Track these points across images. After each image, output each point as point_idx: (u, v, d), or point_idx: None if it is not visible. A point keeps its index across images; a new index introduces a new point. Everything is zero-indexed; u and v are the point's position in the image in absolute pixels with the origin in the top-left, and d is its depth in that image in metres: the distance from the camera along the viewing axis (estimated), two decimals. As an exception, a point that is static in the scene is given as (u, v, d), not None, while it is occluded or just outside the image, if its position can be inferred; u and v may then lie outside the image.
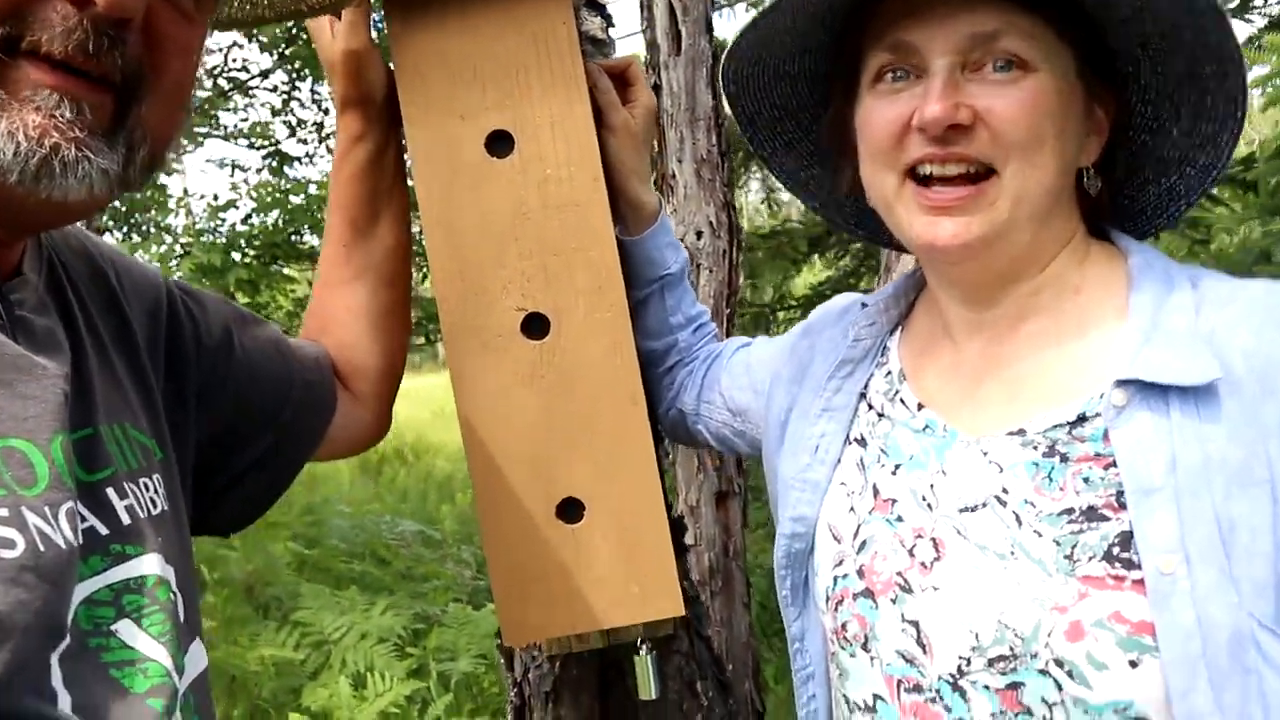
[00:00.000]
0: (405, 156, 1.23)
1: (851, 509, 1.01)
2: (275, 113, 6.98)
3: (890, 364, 1.05)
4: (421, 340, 6.36)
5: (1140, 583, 0.78)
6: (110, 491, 0.81)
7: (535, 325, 1.14)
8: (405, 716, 3.32)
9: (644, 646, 1.20)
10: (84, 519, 0.77)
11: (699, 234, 2.06)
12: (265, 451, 1.11)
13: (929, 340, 1.03)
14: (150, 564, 0.82)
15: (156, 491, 0.87)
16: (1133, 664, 0.77)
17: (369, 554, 6.10)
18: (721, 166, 2.11)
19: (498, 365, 1.14)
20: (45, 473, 0.71)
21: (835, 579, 0.99)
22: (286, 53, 6.43)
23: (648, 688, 1.21)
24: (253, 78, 6.74)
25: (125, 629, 0.78)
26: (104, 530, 0.79)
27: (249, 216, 5.91)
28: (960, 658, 0.86)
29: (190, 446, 1.03)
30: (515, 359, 1.14)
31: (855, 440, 1.05)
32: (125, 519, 0.81)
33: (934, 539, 0.92)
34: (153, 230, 5.92)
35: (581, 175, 1.15)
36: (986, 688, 0.85)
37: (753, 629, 2.05)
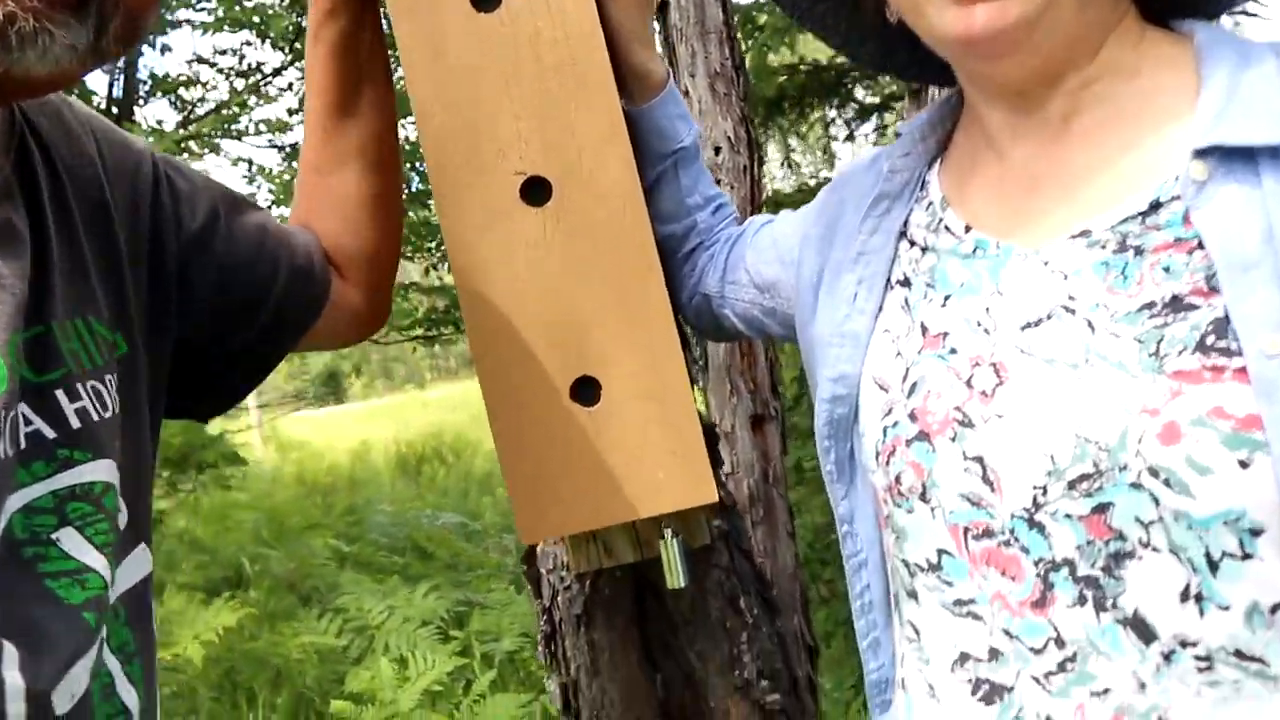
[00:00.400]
0: (385, 29, 1.14)
1: (898, 354, 0.90)
2: (292, 112, 6.95)
3: (931, 195, 0.94)
4: (450, 330, 6.29)
5: (1242, 371, 0.66)
6: (60, 394, 0.76)
7: (536, 190, 1.04)
8: (449, 694, 3.24)
9: (668, 531, 1.09)
10: (29, 422, 0.73)
11: (717, 150, 1.95)
12: (251, 339, 1.03)
13: (970, 160, 0.92)
14: (99, 470, 0.77)
15: (112, 391, 0.81)
16: (1243, 464, 0.66)
17: (410, 548, 6.05)
18: (736, 81, 2.00)
19: (498, 236, 1.04)
20: None
21: (885, 430, 0.88)
22: (298, 46, 6.40)
23: (675, 576, 1.11)
24: (265, 78, 6.71)
25: (68, 538, 0.74)
26: (50, 434, 0.74)
27: (269, 208, 5.87)
28: (1035, 488, 0.75)
29: (168, 335, 0.95)
30: (517, 228, 1.04)
31: (897, 283, 0.94)
32: (75, 422, 0.76)
33: (994, 364, 0.80)
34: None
35: (577, 30, 1.04)
36: (1069, 516, 0.73)
37: (800, 561, 1.93)
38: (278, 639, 3.83)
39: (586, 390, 1.04)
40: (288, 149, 6.49)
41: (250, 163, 6.07)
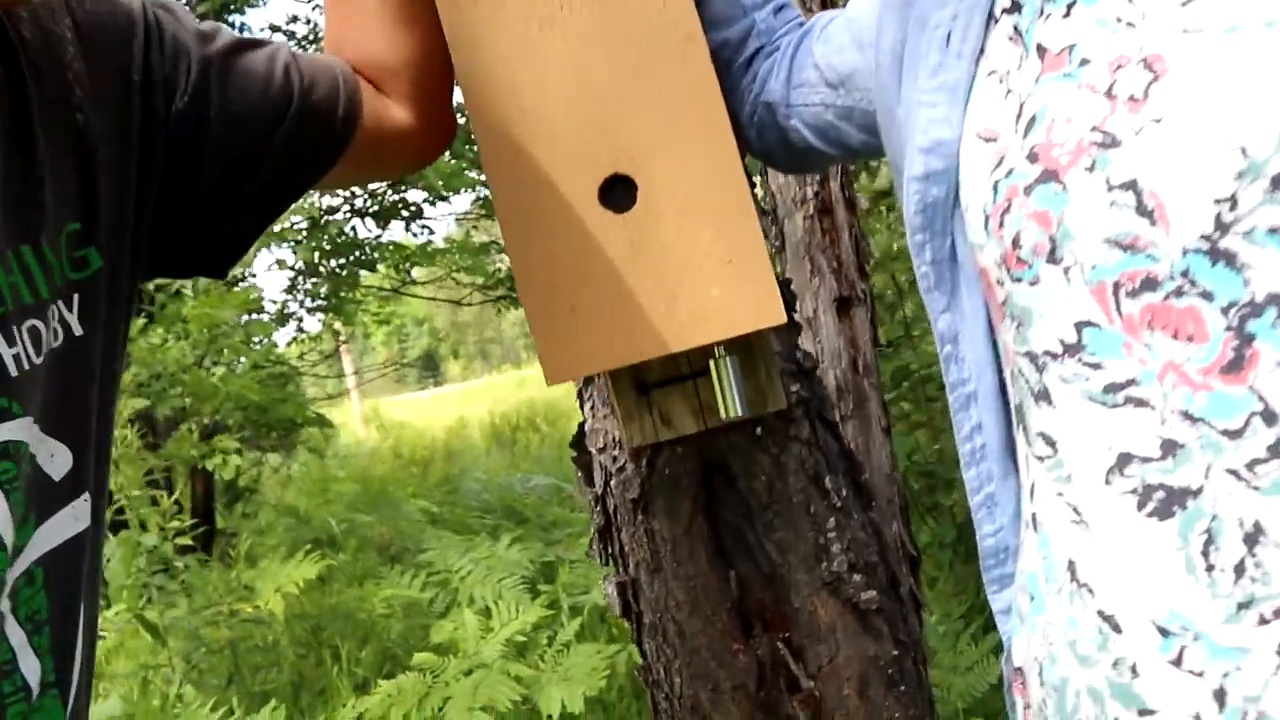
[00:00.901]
0: None
1: (1009, 92, 0.69)
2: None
3: None
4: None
5: None
6: None
7: (548, -53, 0.85)
8: (534, 645, 3.09)
9: (718, 349, 0.90)
10: None
11: None
12: (254, 190, 0.90)
13: None
14: (25, 425, 0.69)
15: (55, 323, 0.72)
16: None
17: (500, 509, 5.96)
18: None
19: (508, 6, 0.85)
20: None
21: (996, 185, 0.66)
22: None
23: (730, 404, 0.91)
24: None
25: None
26: None
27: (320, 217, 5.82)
28: (1218, 202, 0.53)
29: (168, 218, 0.84)
30: (526, -3, 0.85)
31: (1003, 11, 0.72)
32: (13, 370, 0.68)
33: (1144, 59, 0.58)
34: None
35: None
36: (1273, 233, 0.51)
37: (895, 460, 1.71)
38: (363, 595, 3.75)
39: (620, 192, 0.85)
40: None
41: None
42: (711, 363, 0.93)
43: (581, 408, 1.19)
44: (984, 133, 0.70)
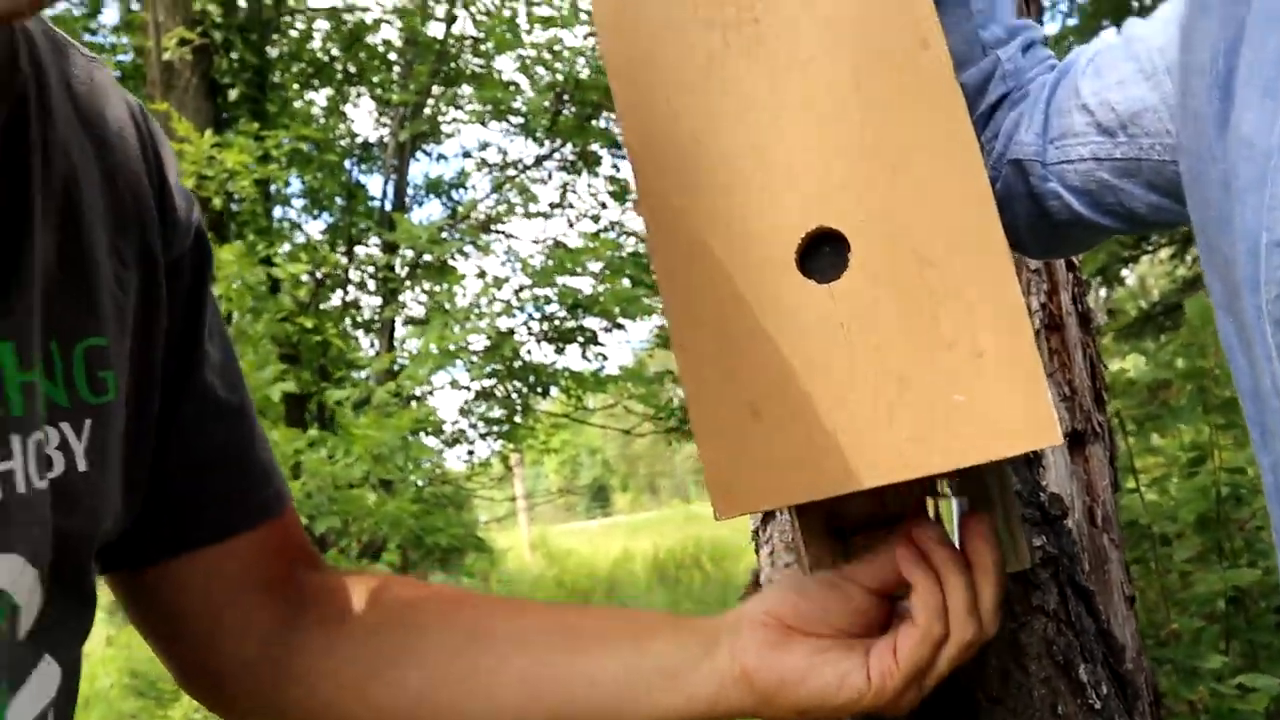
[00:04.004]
0: None
1: None
2: (554, 206, 7.01)
3: None
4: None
5: None
6: None
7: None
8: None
9: (946, 483, 0.64)
10: None
11: None
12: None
13: None
14: (7, 568, 0.52)
15: (75, 445, 0.56)
16: None
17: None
18: (1027, 10, 1.54)
19: (685, 21, 0.65)
20: None
21: None
22: (559, 144, 6.47)
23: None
24: (526, 168, 6.82)
25: None
26: None
27: (521, 291, 5.84)
28: None
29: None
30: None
31: None
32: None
33: None
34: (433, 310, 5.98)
35: None
36: None
37: (1143, 641, 1.34)
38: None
39: (825, 255, 0.62)
40: (546, 240, 6.53)
41: (509, 250, 6.11)
42: (930, 502, 0.67)
43: (757, 551, 0.95)
44: None
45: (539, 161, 6.78)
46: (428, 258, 6.11)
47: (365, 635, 0.70)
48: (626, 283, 5.93)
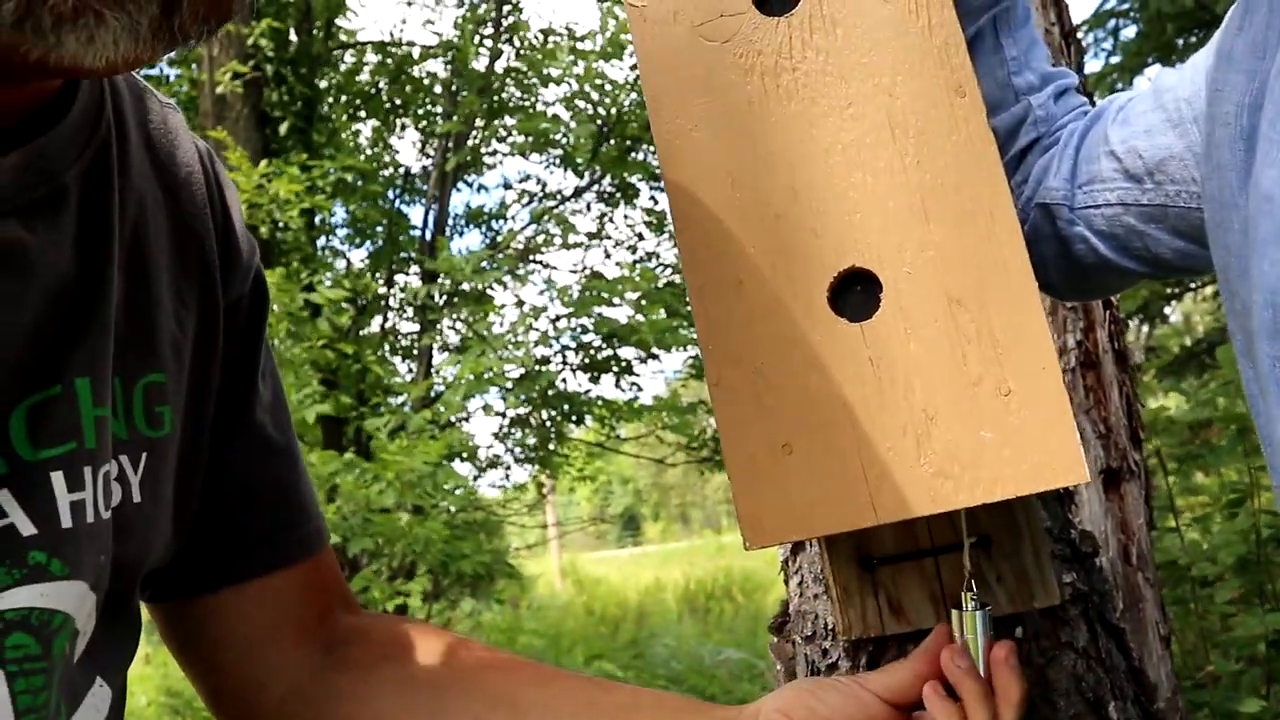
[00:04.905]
0: None
1: None
2: (592, 236, 7.06)
3: None
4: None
5: None
6: (59, 477, 0.54)
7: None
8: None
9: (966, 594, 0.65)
10: (2, 514, 0.53)
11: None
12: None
13: None
14: (69, 595, 0.54)
15: (131, 477, 0.59)
16: None
17: (687, 679, 5.61)
18: (1066, 51, 1.56)
19: (724, 64, 0.68)
20: None
21: None
22: (598, 176, 6.52)
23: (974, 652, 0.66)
24: (564, 200, 6.88)
25: None
26: (27, 530, 0.53)
27: (558, 320, 5.88)
28: None
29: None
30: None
31: None
32: (66, 520, 0.55)
33: None
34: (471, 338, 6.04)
35: None
36: None
37: (1179, 680, 1.33)
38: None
39: (857, 295, 0.64)
40: (583, 269, 6.57)
41: (547, 280, 6.16)
42: (957, 612, 0.69)
43: (786, 583, 0.96)
44: None
45: (578, 193, 6.85)
46: (466, 286, 6.18)
47: (397, 688, 0.72)
48: (663, 313, 5.96)
